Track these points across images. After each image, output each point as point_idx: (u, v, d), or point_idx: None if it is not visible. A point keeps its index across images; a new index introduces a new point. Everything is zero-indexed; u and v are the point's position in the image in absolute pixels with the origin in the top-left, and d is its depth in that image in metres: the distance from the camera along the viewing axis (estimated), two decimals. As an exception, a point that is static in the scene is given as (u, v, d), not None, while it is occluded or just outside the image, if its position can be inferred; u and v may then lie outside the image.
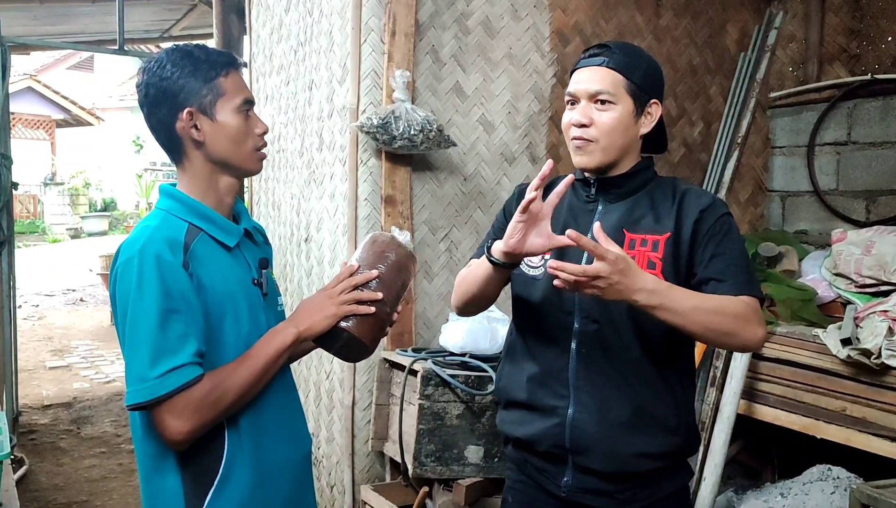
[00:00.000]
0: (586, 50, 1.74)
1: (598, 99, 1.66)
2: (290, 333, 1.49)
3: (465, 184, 3.22)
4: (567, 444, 1.69)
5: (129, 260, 1.42)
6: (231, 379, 1.43)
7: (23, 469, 4.61)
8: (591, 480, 1.69)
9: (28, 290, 11.12)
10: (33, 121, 19.47)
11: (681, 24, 3.73)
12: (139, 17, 7.11)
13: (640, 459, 1.68)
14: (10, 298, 5.17)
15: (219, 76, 1.51)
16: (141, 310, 1.38)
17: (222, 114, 1.51)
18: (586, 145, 1.67)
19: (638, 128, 1.70)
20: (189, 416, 1.38)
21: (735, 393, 3.08)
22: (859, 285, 3.08)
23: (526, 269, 1.75)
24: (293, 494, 1.58)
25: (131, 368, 1.39)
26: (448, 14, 3.15)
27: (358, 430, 3.08)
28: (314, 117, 3.53)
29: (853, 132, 3.62)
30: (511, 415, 1.80)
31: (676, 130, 3.75)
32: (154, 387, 1.36)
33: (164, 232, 1.45)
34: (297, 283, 3.76)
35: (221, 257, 1.51)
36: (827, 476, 2.99)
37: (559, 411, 1.69)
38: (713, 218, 1.66)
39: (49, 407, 6.06)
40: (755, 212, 3.96)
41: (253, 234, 1.63)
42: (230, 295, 1.49)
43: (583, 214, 1.74)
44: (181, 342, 1.39)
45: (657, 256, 1.65)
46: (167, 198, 1.54)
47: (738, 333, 1.58)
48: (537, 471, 1.77)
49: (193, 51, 1.53)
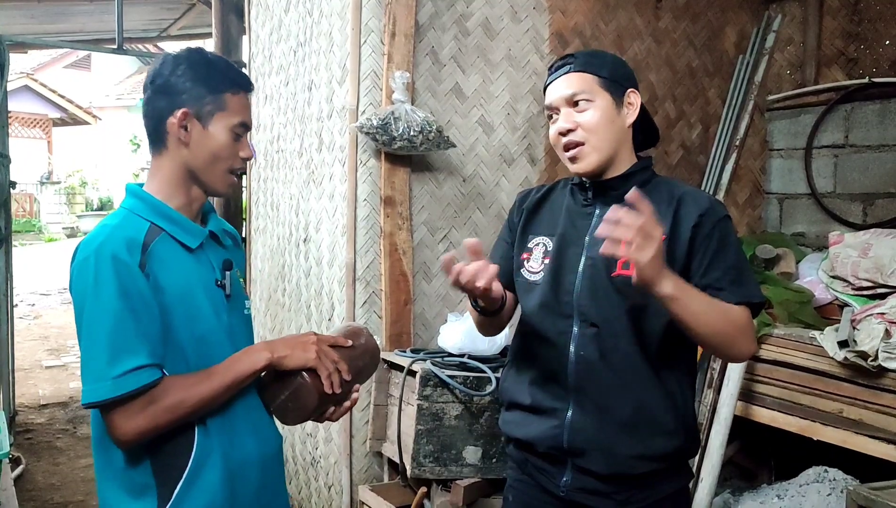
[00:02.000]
0: (551, 67, 1.77)
1: (574, 102, 1.68)
2: (263, 356, 1.50)
3: (464, 185, 3.22)
4: (565, 445, 1.70)
5: (85, 260, 1.43)
6: (194, 389, 1.43)
7: (19, 468, 4.61)
8: (589, 481, 1.71)
9: (24, 289, 11.08)
10: (30, 119, 19.43)
11: (680, 26, 3.74)
12: (137, 16, 7.10)
13: (638, 461, 1.69)
14: (7, 297, 5.17)
15: (227, 91, 1.54)
16: (99, 309, 1.40)
17: (215, 126, 1.53)
18: (578, 151, 1.68)
19: (623, 120, 1.70)
20: (142, 419, 1.39)
21: (732, 394, 3.09)
22: (856, 287, 3.09)
23: (527, 275, 1.78)
24: (264, 490, 1.59)
25: (88, 366, 1.40)
26: (448, 15, 3.16)
27: (356, 430, 3.08)
28: (314, 118, 3.53)
29: (850, 135, 3.64)
30: (512, 416, 1.82)
31: (675, 133, 3.76)
32: (111, 387, 1.37)
33: (122, 231, 1.46)
34: (295, 284, 3.76)
35: (182, 258, 1.51)
36: (823, 477, 3.00)
37: (558, 413, 1.71)
38: (711, 222, 1.65)
39: (45, 407, 6.05)
40: (753, 214, 3.97)
41: (220, 236, 1.63)
42: (189, 295, 1.49)
43: (581, 218, 1.75)
44: (140, 342, 1.39)
45: None
46: (132, 197, 1.55)
47: (735, 342, 1.61)
48: (537, 471, 1.78)
49: (215, 61, 1.57)
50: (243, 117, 1.56)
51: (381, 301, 3.07)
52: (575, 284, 1.70)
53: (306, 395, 1.53)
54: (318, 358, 1.52)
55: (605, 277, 1.66)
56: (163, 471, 1.46)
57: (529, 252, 1.79)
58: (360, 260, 3.06)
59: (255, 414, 1.59)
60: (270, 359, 1.50)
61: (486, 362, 2.80)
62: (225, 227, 1.69)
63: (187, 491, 1.46)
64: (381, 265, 3.06)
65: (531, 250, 1.79)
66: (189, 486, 1.46)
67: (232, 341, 1.55)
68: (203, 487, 1.47)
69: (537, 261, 1.76)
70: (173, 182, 1.55)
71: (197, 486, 1.47)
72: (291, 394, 1.54)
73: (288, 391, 1.54)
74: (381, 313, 3.07)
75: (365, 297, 3.07)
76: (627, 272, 1.53)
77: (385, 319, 3.06)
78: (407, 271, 3.07)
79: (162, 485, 1.46)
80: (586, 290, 1.68)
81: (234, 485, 1.51)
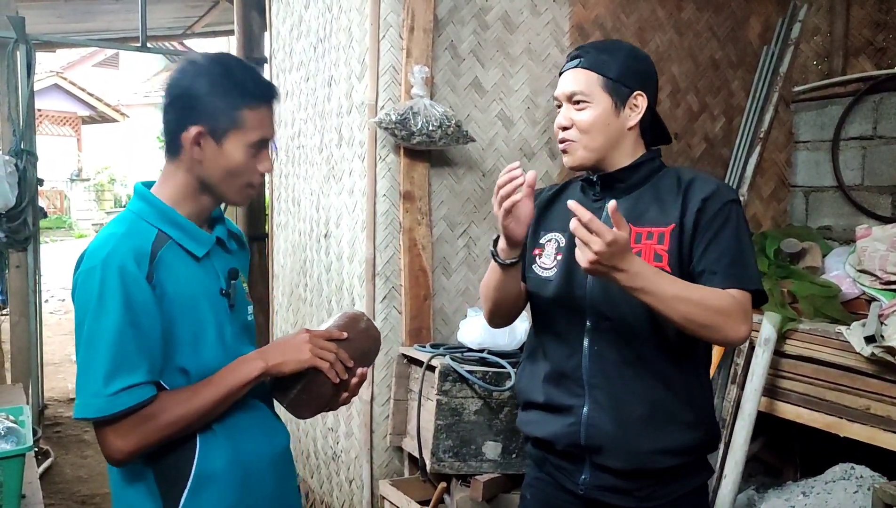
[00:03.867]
0: (569, 54, 1.76)
1: (574, 100, 1.69)
2: (256, 366, 1.47)
3: (483, 180, 3.21)
4: (583, 443, 1.69)
5: (91, 270, 1.40)
6: (187, 404, 1.42)
7: (48, 461, 4.68)
8: (608, 478, 1.69)
9: (55, 285, 11.26)
10: (60, 117, 19.72)
11: (703, 17, 3.69)
12: (162, 14, 7.16)
13: (659, 456, 1.67)
14: (35, 293, 5.25)
15: (244, 107, 1.46)
16: (101, 322, 1.37)
17: (230, 144, 1.46)
18: (568, 145, 1.71)
19: (622, 122, 1.69)
20: (134, 438, 1.38)
21: (756, 390, 3.05)
22: (884, 281, 3.03)
23: (539, 271, 1.77)
24: (279, 487, 1.58)
25: (84, 380, 1.38)
26: (467, 9, 3.14)
27: (376, 425, 3.09)
28: (333, 113, 3.54)
29: (879, 126, 3.57)
30: (529, 416, 1.82)
31: (698, 125, 3.72)
32: (105, 404, 1.36)
33: (130, 240, 1.43)
34: (316, 279, 3.78)
35: (189, 266, 1.48)
36: (850, 474, 2.95)
37: (575, 410, 1.70)
38: (716, 206, 1.64)
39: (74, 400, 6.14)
40: (778, 207, 3.91)
41: (226, 242, 1.60)
42: (194, 304, 1.47)
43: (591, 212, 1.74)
44: (138, 359, 1.37)
45: (663, 249, 1.64)
46: (140, 200, 1.51)
47: (718, 328, 1.56)
48: (556, 469, 1.78)
49: (236, 71, 1.48)
50: (263, 133, 1.49)
51: (401, 296, 3.07)
52: (587, 279, 1.68)
53: (319, 386, 1.52)
54: (314, 357, 1.49)
55: None
56: (165, 481, 1.45)
57: (542, 248, 1.78)
58: (379, 256, 3.07)
59: (261, 412, 1.59)
60: (265, 369, 1.47)
61: (505, 357, 2.79)
62: (230, 229, 1.66)
63: (194, 498, 1.44)
64: (401, 260, 3.06)
65: (543, 246, 1.78)
66: (195, 494, 1.45)
67: (234, 350, 1.53)
68: (213, 493, 1.46)
69: (550, 257, 1.76)
70: (185, 191, 1.51)
71: (205, 493, 1.45)
72: (304, 388, 1.53)
73: (300, 384, 1.53)
74: (401, 308, 3.07)
75: (385, 292, 3.07)
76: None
77: (405, 314, 3.06)
78: (426, 266, 3.07)
79: (166, 495, 1.45)
80: (599, 285, 1.67)
81: (248, 486, 1.50)
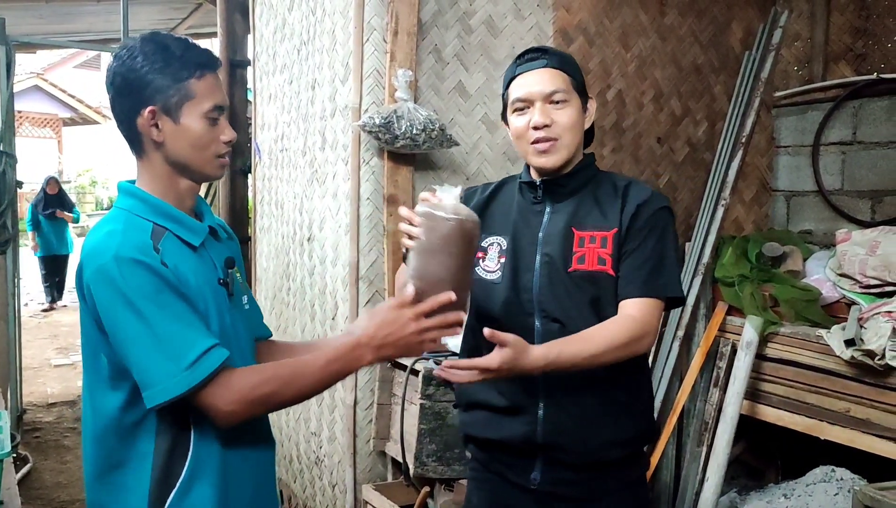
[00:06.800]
0: (520, 57, 1.77)
1: (552, 99, 1.69)
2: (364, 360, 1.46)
3: (467, 184, 3.20)
4: (539, 441, 1.71)
5: (103, 268, 1.37)
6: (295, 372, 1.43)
7: (27, 467, 4.63)
8: (561, 471, 1.73)
9: (35, 288, 11.15)
10: (40, 119, 19.53)
11: (685, 22, 3.71)
12: (145, 17, 7.13)
13: (612, 447, 1.73)
14: (14, 296, 5.19)
15: (191, 77, 1.44)
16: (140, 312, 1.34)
17: (187, 117, 1.45)
18: (551, 145, 1.70)
19: (583, 124, 1.75)
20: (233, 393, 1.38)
21: (738, 393, 3.07)
22: (864, 285, 3.06)
23: (483, 274, 1.77)
24: (258, 492, 1.57)
25: (150, 372, 1.35)
26: (451, 13, 3.14)
27: (360, 430, 3.08)
28: (317, 116, 3.53)
29: (859, 131, 3.60)
30: (475, 416, 1.82)
31: (681, 130, 3.74)
32: (186, 379, 1.34)
33: (130, 236, 1.41)
34: (299, 282, 3.76)
35: (188, 256, 1.47)
36: (830, 477, 2.98)
37: (529, 409, 1.72)
38: (647, 213, 1.70)
39: (54, 405, 6.08)
40: (759, 211, 3.94)
41: (217, 231, 1.58)
42: (201, 293, 1.45)
43: (532, 215, 1.77)
44: (194, 328, 1.37)
45: (607, 253, 1.68)
46: (128, 196, 1.50)
47: (629, 354, 1.63)
48: (505, 467, 1.78)
49: (170, 45, 1.45)
50: (215, 100, 1.46)
51: (385, 300, 3.06)
52: (534, 281, 1.71)
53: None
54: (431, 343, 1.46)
55: (562, 273, 1.69)
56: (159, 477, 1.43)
57: (484, 251, 1.78)
58: (363, 259, 3.06)
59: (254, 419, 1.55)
60: (371, 362, 1.48)
61: (489, 361, 2.79)
62: (219, 221, 1.65)
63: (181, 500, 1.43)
64: (385, 264, 3.05)
65: (486, 249, 1.78)
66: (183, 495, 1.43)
67: (235, 340, 1.52)
68: (198, 495, 1.44)
69: (493, 261, 1.76)
70: (163, 180, 1.49)
71: (191, 495, 1.44)
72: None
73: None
74: (385, 312, 3.06)
75: (368, 296, 3.06)
76: (583, 267, 1.63)
77: (388, 318, 3.04)
78: (410, 270, 3.06)
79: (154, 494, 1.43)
80: (546, 287, 1.70)
81: (227, 488, 1.49)
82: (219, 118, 1.48)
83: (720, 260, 3.41)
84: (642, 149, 3.63)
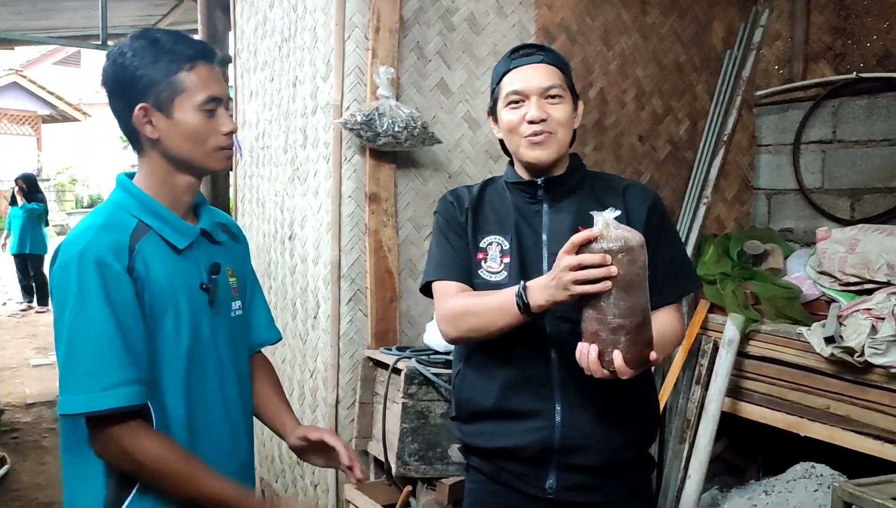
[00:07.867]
0: (515, 51, 1.75)
1: (549, 94, 1.68)
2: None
3: (449, 182, 3.20)
4: (556, 445, 1.66)
5: (67, 263, 1.36)
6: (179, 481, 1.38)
7: (5, 468, 4.58)
8: (577, 477, 1.69)
9: (14, 288, 11.02)
10: (19, 116, 19.31)
11: (667, 21, 3.72)
12: (125, 13, 7.06)
13: (627, 448, 1.71)
14: (-9, 296, 5.12)
15: (181, 70, 1.41)
16: (82, 318, 1.33)
17: (180, 111, 1.42)
18: (546, 139, 1.68)
19: (573, 124, 1.75)
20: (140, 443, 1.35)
21: (720, 390, 3.09)
22: (843, 283, 3.08)
23: (487, 276, 1.73)
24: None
25: (69, 377, 1.34)
26: (433, 10, 3.13)
27: (342, 429, 3.06)
28: (298, 114, 3.50)
29: (838, 130, 3.63)
30: (480, 427, 1.76)
31: (662, 128, 3.75)
32: (94, 400, 1.31)
33: (108, 233, 1.39)
34: (280, 281, 3.74)
35: (168, 258, 1.44)
36: (811, 473, 3.00)
37: (543, 414, 1.67)
38: (659, 213, 1.74)
39: (32, 406, 6.01)
40: (741, 209, 3.96)
41: (213, 233, 1.55)
42: (173, 297, 1.42)
43: (533, 215, 1.75)
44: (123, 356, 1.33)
45: None
46: (121, 190, 1.48)
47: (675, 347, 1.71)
48: (516, 478, 1.73)
49: (160, 39, 1.43)
50: (209, 91, 1.43)
51: (367, 298, 3.05)
52: None
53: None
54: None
55: None
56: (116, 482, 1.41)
57: (484, 252, 1.75)
58: (345, 258, 3.04)
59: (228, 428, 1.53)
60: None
61: (471, 359, 2.78)
62: (220, 221, 1.61)
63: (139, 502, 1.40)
64: (367, 262, 3.04)
65: (486, 250, 1.75)
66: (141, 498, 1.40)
67: (213, 347, 1.48)
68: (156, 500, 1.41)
69: (496, 261, 1.73)
70: (161, 176, 1.47)
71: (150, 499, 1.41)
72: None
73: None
74: (367, 311, 3.05)
75: (350, 295, 3.04)
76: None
77: (370, 317, 3.03)
78: (392, 268, 3.05)
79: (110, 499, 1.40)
80: None
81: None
82: (216, 109, 1.45)
83: (702, 259, 3.43)
84: (624, 148, 3.63)
